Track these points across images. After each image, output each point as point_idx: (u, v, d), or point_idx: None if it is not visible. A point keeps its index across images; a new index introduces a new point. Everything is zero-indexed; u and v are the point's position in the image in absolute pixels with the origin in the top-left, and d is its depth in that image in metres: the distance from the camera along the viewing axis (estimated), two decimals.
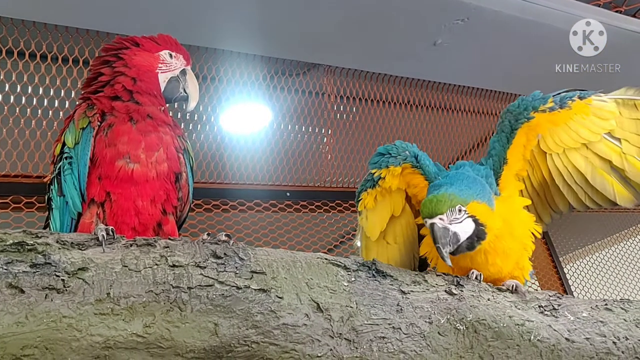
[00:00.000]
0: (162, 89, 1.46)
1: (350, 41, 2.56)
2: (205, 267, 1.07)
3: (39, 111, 2.12)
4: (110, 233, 1.09)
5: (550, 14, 2.57)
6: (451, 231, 1.42)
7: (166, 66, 1.46)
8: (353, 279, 1.23)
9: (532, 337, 1.35)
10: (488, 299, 1.38)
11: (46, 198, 1.45)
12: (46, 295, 0.93)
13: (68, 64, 2.18)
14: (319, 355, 1.09)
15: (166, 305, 1.00)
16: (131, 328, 0.96)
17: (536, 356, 1.34)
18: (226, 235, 1.19)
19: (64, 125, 1.44)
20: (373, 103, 2.90)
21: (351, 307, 1.17)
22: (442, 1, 2.39)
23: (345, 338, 1.13)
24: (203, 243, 1.13)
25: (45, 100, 2.15)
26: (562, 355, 1.38)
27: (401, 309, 1.24)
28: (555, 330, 1.40)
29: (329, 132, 2.79)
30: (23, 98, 2.11)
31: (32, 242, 0.97)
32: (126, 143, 1.34)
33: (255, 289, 1.08)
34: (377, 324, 1.18)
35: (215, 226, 2.41)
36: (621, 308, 1.58)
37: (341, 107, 2.81)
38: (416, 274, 1.38)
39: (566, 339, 1.40)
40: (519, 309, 1.41)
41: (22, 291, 0.91)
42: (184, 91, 1.49)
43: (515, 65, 2.93)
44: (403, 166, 1.63)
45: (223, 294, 1.05)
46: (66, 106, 2.17)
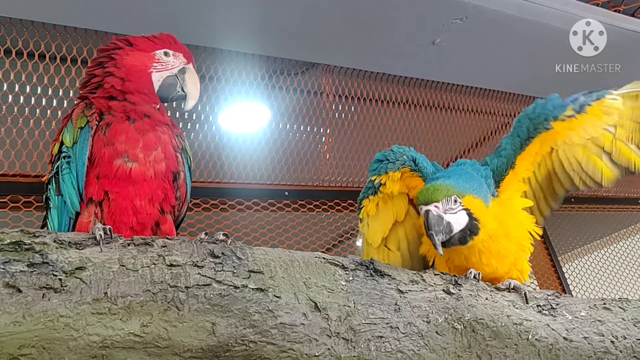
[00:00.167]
0: (157, 88, 1.45)
1: (348, 40, 2.55)
2: (202, 267, 1.07)
3: (37, 110, 2.12)
4: (108, 232, 1.08)
5: (550, 14, 2.57)
6: (445, 220, 1.43)
7: (161, 65, 1.46)
8: (351, 278, 1.23)
9: (530, 337, 1.35)
10: (486, 298, 1.38)
11: (44, 197, 1.45)
12: (43, 294, 0.93)
13: (66, 64, 2.18)
14: (317, 354, 1.09)
15: (164, 304, 1.00)
16: (128, 327, 0.96)
17: (534, 355, 1.34)
18: (224, 234, 1.19)
19: (62, 124, 1.43)
20: (372, 102, 2.89)
21: (349, 307, 1.17)
22: (441, 0, 2.39)
23: (343, 337, 1.13)
24: (201, 242, 1.13)
25: (43, 99, 2.14)
26: (560, 354, 1.38)
27: (399, 308, 1.24)
28: (553, 329, 1.40)
29: (328, 132, 2.79)
30: (21, 97, 2.10)
31: (30, 242, 0.97)
32: (124, 142, 1.34)
33: (252, 289, 1.08)
34: (375, 323, 1.18)
35: (213, 225, 2.41)
36: (619, 307, 1.58)
37: (340, 107, 2.81)
38: (414, 273, 1.38)
39: (564, 338, 1.40)
40: (517, 308, 1.41)
41: (20, 290, 0.91)
42: (182, 90, 1.48)
43: (514, 65, 2.92)
44: (402, 171, 1.64)
45: (220, 294, 1.05)
46: (64, 106, 2.16)
